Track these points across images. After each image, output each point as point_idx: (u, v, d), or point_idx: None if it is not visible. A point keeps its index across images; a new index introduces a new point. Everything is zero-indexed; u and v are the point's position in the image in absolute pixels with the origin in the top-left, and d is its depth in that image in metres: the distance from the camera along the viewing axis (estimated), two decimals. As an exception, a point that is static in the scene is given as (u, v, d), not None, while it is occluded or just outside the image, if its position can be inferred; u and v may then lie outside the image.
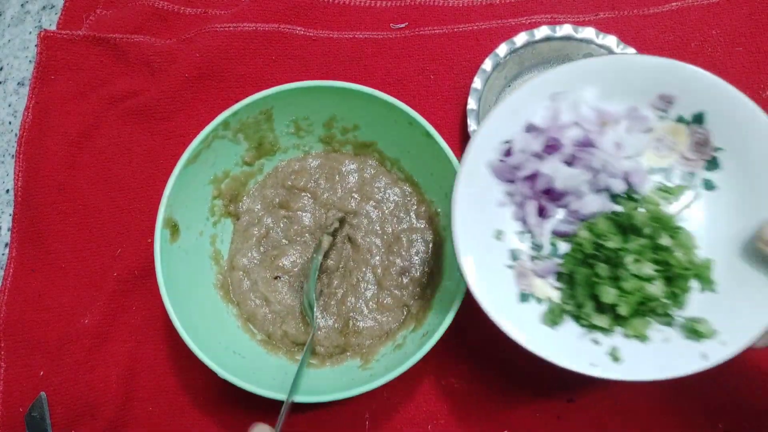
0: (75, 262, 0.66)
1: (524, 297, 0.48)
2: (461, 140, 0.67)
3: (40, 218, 0.67)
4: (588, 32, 0.64)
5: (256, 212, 0.64)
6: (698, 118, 0.45)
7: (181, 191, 0.57)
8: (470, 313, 0.50)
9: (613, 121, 0.47)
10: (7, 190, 0.70)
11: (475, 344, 0.60)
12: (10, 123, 0.73)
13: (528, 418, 0.59)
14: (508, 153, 0.48)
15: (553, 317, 0.47)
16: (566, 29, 0.64)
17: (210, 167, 0.60)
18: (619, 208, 0.47)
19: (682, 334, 0.44)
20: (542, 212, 0.48)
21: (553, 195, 0.48)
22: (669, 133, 0.46)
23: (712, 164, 0.45)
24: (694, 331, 0.43)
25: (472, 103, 0.64)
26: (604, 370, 0.44)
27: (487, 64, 0.65)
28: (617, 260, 0.45)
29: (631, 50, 0.62)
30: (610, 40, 0.63)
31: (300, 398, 0.52)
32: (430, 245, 0.62)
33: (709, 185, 0.46)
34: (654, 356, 0.44)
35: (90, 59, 0.71)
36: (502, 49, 0.65)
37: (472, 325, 0.55)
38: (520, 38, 0.65)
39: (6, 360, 0.64)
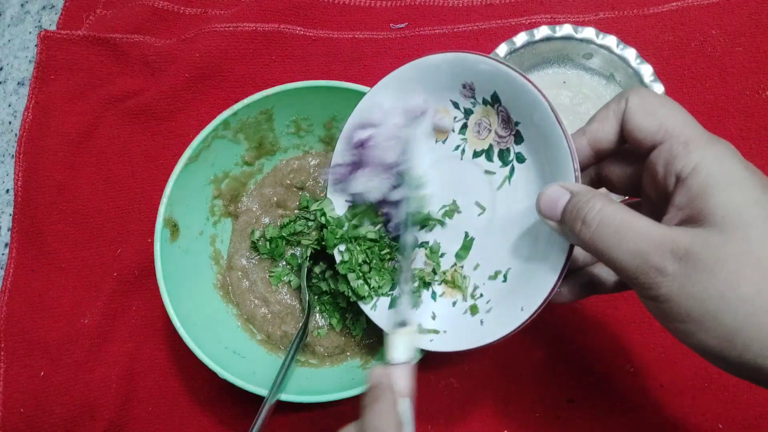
0: (75, 262, 0.66)
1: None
2: (461, 140, 0.67)
3: (40, 218, 0.67)
4: (588, 32, 0.64)
5: (254, 212, 0.64)
6: (495, 98, 0.48)
7: (181, 191, 0.57)
8: (470, 313, 0.50)
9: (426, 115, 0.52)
10: (7, 190, 0.70)
11: (475, 344, 0.60)
12: (10, 123, 0.73)
13: (528, 418, 0.59)
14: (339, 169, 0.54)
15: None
16: (566, 29, 0.64)
17: (210, 167, 0.60)
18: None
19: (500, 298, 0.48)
20: (387, 216, 0.55)
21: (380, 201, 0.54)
22: (483, 115, 0.50)
23: (518, 138, 0.48)
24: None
25: (471, 103, 0.64)
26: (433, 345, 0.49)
27: (487, 64, 0.65)
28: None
29: (631, 50, 0.62)
30: (610, 40, 0.63)
31: (301, 398, 0.52)
32: (430, 245, 0.62)
33: (520, 158, 0.48)
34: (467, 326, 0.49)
35: (90, 59, 0.71)
36: (501, 49, 0.65)
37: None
38: (520, 38, 0.65)
39: (6, 360, 0.64)
